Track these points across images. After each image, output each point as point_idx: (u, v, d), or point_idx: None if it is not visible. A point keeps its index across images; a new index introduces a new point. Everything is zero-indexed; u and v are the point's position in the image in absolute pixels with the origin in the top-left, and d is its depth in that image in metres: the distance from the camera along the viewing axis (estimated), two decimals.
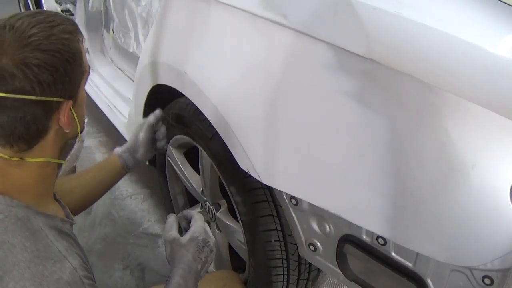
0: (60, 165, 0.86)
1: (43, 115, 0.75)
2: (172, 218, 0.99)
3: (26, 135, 0.75)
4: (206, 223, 1.00)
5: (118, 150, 1.21)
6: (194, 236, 0.94)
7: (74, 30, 0.79)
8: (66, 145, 0.85)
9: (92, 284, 0.76)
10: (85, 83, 0.84)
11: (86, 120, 0.91)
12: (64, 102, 0.77)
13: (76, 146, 0.87)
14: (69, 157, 0.86)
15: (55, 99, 0.75)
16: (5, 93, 0.70)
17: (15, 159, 0.77)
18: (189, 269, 0.90)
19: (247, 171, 1.00)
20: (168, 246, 0.94)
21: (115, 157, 1.20)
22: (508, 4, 0.73)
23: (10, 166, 0.78)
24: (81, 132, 0.86)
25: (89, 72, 0.84)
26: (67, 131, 0.80)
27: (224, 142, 1.05)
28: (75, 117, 0.81)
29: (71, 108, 0.79)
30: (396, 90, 0.74)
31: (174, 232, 0.95)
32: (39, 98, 0.72)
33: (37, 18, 0.75)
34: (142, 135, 1.20)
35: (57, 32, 0.75)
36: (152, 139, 1.24)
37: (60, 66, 0.74)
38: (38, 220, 0.76)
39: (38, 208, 0.78)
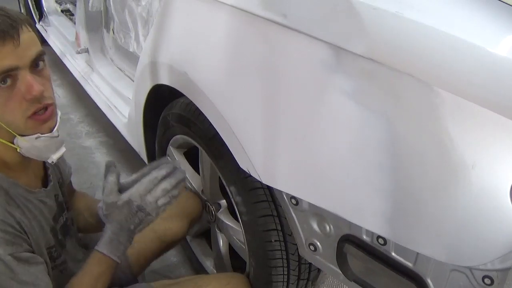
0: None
1: None
2: (113, 179, 1.03)
3: None
4: (157, 187, 1.02)
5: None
6: (129, 200, 1.00)
7: None
8: (10, 134, 0.88)
9: (9, 239, 0.83)
10: None
11: (38, 135, 0.88)
12: None
13: (20, 142, 0.88)
14: (15, 144, 0.88)
15: None
16: None
17: None
18: (120, 227, 0.99)
19: (247, 171, 1.00)
20: (105, 206, 1.01)
21: None
22: (508, 4, 0.73)
23: None
24: (23, 135, 0.87)
25: None
26: None
27: (224, 142, 1.06)
28: None
29: None
30: (396, 90, 0.74)
31: (113, 197, 1.01)
32: None
33: None
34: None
35: None
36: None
37: None
38: None
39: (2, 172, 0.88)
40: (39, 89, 0.84)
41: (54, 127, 0.90)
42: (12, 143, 0.88)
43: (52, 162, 0.94)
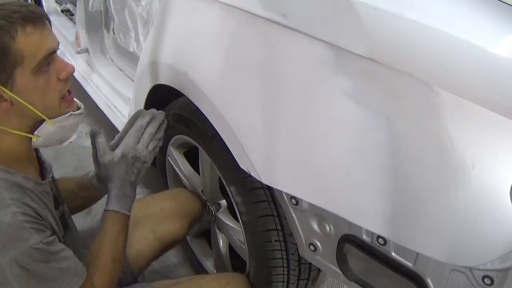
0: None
1: None
2: (102, 140, 1.06)
3: None
4: (144, 134, 1.05)
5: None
6: (123, 154, 1.03)
7: (5, 24, 0.81)
8: (34, 123, 0.92)
9: (36, 228, 0.84)
10: (32, 71, 0.84)
11: (70, 113, 0.95)
12: None
13: (46, 128, 0.92)
14: (36, 133, 0.92)
15: None
16: None
17: None
18: (122, 182, 1.03)
19: (247, 171, 1.00)
20: (102, 167, 1.05)
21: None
22: (508, 4, 0.73)
23: None
24: (51, 118, 0.91)
25: (27, 59, 0.84)
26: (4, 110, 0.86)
27: (224, 142, 1.06)
28: (22, 101, 0.85)
29: (9, 92, 0.84)
30: (396, 90, 0.74)
31: (108, 156, 1.04)
32: None
33: None
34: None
35: None
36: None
37: None
38: None
39: (6, 166, 0.88)
40: (73, 67, 0.92)
41: (80, 106, 0.98)
42: (31, 133, 0.91)
43: (70, 142, 1.00)
